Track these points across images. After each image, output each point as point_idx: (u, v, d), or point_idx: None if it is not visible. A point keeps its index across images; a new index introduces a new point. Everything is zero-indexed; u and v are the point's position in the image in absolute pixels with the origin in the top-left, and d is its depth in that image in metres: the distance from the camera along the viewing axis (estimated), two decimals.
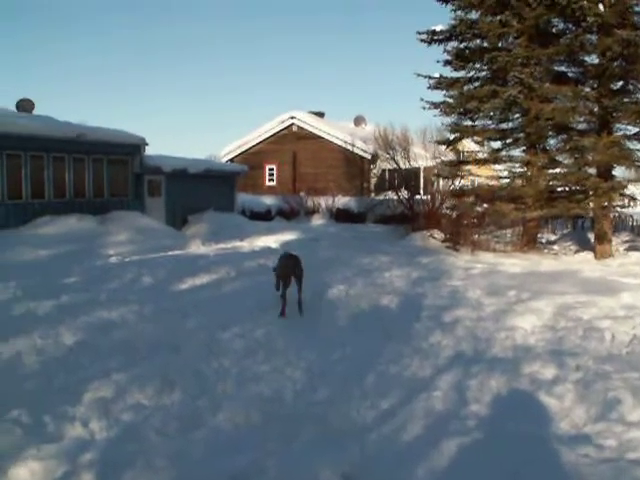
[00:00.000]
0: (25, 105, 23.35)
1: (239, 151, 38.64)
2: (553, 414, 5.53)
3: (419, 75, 19.84)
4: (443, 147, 22.64)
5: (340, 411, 5.57)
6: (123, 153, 22.39)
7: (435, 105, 20.03)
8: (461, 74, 20.18)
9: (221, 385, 6.15)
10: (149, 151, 23.40)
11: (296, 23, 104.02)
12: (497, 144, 21.16)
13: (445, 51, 19.82)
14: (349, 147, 34.10)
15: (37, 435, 4.95)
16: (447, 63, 19.94)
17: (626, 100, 17.79)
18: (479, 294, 11.05)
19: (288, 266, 9.65)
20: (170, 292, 11.28)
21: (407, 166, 26.38)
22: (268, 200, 32.54)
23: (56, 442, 4.88)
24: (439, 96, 22.02)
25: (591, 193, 17.80)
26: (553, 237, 22.22)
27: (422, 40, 19.81)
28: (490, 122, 20.31)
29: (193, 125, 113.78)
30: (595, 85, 18.07)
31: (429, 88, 20.08)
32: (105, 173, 21.84)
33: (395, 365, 6.92)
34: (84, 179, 21.13)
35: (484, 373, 6.55)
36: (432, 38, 19.73)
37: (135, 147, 22.67)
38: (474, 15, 19.18)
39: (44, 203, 19.68)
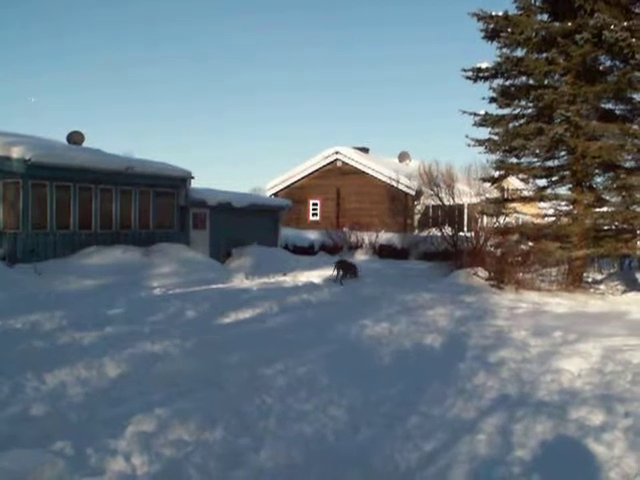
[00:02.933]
0: (76, 138, 23.85)
1: (283, 185, 38.87)
2: (602, 462, 5.35)
3: (464, 112, 19.81)
4: (488, 184, 22.49)
5: (383, 452, 5.48)
6: (169, 186, 22.72)
7: (480, 142, 19.96)
8: (506, 111, 20.10)
9: (263, 423, 6.10)
10: (194, 184, 23.75)
11: (340, 58, 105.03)
12: (543, 182, 20.95)
13: (490, 88, 19.79)
14: (393, 183, 34.09)
15: (80, 468, 4.93)
16: (492, 100, 19.87)
17: None
18: (524, 335, 10.90)
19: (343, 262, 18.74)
20: (213, 326, 11.35)
21: (451, 203, 26.25)
22: (311, 235, 32.67)
23: (98, 476, 4.87)
24: (484, 133, 22.04)
25: (639, 232, 17.50)
26: (599, 276, 21.77)
27: (467, 77, 19.79)
28: (536, 160, 20.09)
29: (237, 157, 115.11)
30: None
31: (474, 125, 20.02)
32: (151, 205, 22.18)
33: (439, 406, 6.81)
34: (130, 211, 21.49)
35: (530, 417, 6.40)
36: (477, 75, 19.68)
37: (181, 180, 22.99)
38: (520, 53, 19.13)
39: (91, 234, 20.04)
